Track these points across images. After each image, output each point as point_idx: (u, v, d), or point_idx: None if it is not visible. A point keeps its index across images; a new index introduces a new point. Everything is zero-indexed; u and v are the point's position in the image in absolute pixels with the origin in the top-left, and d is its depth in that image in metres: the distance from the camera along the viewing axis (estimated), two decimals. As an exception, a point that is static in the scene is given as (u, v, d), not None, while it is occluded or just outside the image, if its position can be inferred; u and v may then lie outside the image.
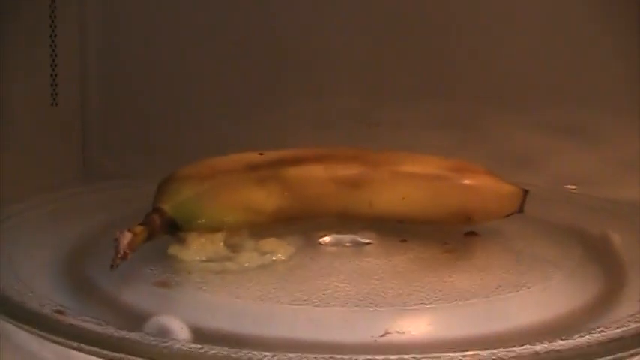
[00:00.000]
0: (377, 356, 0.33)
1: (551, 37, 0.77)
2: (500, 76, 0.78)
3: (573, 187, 0.77)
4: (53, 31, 0.83)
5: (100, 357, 0.36)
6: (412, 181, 0.56)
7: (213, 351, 0.34)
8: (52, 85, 0.84)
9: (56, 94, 0.85)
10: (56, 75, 0.84)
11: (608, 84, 0.76)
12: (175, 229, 0.52)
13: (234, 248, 0.51)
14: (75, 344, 0.36)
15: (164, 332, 0.38)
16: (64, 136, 0.87)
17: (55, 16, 0.83)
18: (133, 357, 0.35)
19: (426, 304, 0.43)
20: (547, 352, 0.34)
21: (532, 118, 0.78)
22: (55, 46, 0.84)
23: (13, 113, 0.77)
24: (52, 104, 0.84)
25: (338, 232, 0.56)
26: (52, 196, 0.69)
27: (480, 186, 0.56)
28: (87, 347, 0.36)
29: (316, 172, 0.55)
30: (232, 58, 0.86)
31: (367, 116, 0.81)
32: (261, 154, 0.56)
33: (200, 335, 0.38)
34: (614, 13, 0.74)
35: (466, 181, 0.56)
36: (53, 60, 0.84)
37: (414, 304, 0.43)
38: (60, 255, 0.53)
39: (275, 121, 0.83)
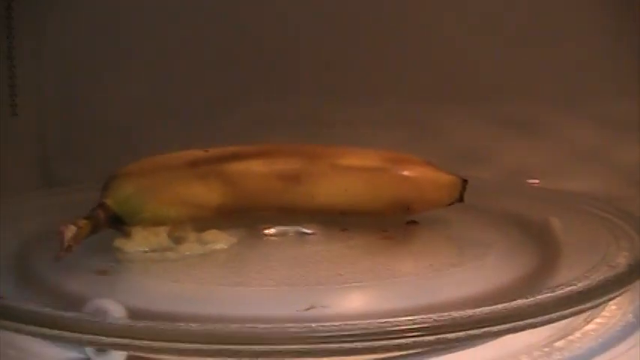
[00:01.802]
0: (299, 324, 0.34)
1: (498, 32, 0.78)
2: (451, 73, 0.79)
3: (535, 180, 0.78)
4: (11, 42, 0.84)
5: (37, 336, 0.38)
6: (352, 173, 0.57)
7: (142, 324, 0.35)
8: (11, 96, 0.85)
9: (15, 105, 0.85)
10: (15, 86, 0.85)
11: (557, 77, 0.77)
12: (119, 222, 0.54)
13: (177, 240, 0.53)
14: (13, 325, 0.37)
15: (101, 313, 0.38)
16: (24, 145, 0.88)
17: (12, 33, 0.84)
18: (68, 333, 0.36)
19: (356, 282, 0.45)
20: (463, 318, 0.35)
21: (483, 113, 0.79)
22: (13, 57, 0.85)
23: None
24: (11, 115, 0.85)
25: (282, 224, 0.57)
26: (9, 199, 0.69)
27: (418, 176, 0.58)
28: (25, 327, 0.37)
29: (257, 167, 0.56)
30: (190, 65, 0.86)
31: (322, 116, 0.82)
32: (205, 151, 0.57)
33: (137, 316, 0.38)
34: (563, 6, 0.76)
35: (405, 172, 0.58)
36: (12, 71, 0.85)
37: (345, 283, 0.45)
38: (9, 251, 0.54)
39: (232, 124, 0.84)
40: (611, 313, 0.44)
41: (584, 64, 0.76)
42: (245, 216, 0.57)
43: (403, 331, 0.34)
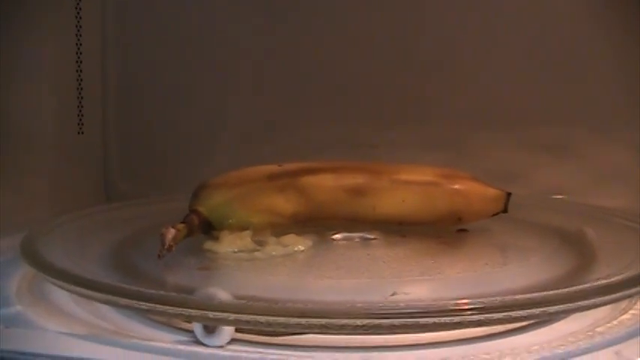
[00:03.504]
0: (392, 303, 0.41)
1: (532, 61, 0.83)
2: (487, 99, 0.85)
3: (560, 196, 0.83)
4: (79, 66, 0.91)
5: (167, 316, 0.46)
6: (409, 187, 0.65)
7: (259, 303, 0.42)
8: (78, 115, 0.92)
9: (82, 124, 0.92)
10: (82, 107, 0.92)
11: (586, 104, 0.82)
12: (209, 227, 0.61)
13: (259, 243, 0.60)
14: (144, 305, 0.44)
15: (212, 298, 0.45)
16: (88, 162, 0.95)
17: (80, 58, 0.91)
18: (196, 311, 0.43)
19: (425, 276, 0.53)
20: (524, 299, 0.43)
21: (516, 136, 0.84)
22: (81, 80, 0.92)
23: (43, 142, 0.85)
24: (78, 133, 0.92)
25: (347, 231, 0.64)
26: (82, 212, 0.74)
27: (468, 190, 0.65)
28: (159, 307, 0.44)
29: (327, 180, 0.64)
30: (246, 93, 0.93)
31: (367, 139, 0.88)
32: (280, 166, 0.65)
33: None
34: (592, 36, 0.81)
35: (456, 186, 0.65)
36: (79, 92, 0.92)
37: (416, 276, 0.53)
38: (101, 255, 0.60)
39: (280, 148, 0.90)
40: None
41: (612, 91, 0.81)
42: (315, 224, 0.64)
43: (478, 309, 0.41)
